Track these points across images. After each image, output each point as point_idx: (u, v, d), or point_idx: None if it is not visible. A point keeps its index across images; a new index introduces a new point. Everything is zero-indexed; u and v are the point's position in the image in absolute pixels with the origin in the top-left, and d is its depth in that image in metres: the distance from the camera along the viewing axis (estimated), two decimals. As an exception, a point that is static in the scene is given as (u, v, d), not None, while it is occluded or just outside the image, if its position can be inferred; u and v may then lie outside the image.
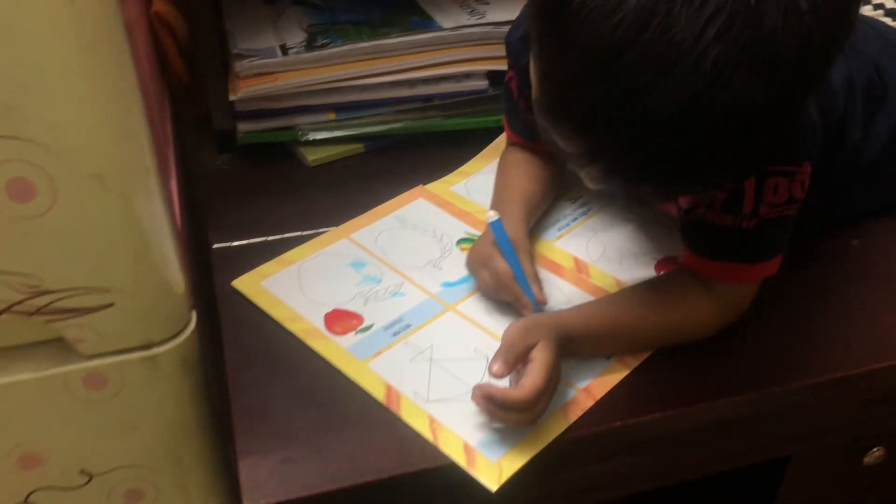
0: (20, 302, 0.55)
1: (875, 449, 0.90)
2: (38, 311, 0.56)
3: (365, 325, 0.66)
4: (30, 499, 0.66)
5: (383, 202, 0.79)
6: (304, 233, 0.76)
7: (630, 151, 0.48)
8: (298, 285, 0.69)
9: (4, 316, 0.56)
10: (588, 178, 0.53)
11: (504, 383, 0.57)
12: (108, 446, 0.65)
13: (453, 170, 0.84)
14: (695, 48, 0.43)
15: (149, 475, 0.68)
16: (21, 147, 0.49)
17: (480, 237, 0.70)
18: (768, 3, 0.43)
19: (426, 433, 0.57)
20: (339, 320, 0.66)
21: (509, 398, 0.54)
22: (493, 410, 0.55)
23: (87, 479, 0.66)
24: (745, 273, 0.63)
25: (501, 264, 0.65)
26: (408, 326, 0.66)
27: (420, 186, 0.81)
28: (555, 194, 0.79)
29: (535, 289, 0.64)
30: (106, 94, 0.50)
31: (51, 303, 0.56)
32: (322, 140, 0.85)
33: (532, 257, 0.68)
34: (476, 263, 0.68)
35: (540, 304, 0.64)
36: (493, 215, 0.66)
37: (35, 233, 0.53)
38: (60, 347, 0.60)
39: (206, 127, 0.87)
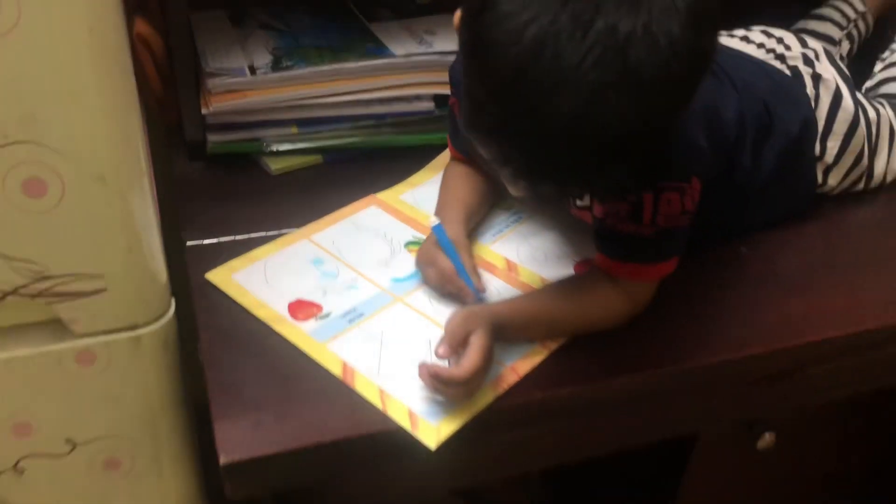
0: (25, 286, 0.64)
1: (766, 434, 1.03)
2: (39, 294, 0.65)
3: (324, 313, 0.75)
4: (19, 465, 0.73)
5: (340, 208, 0.89)
6: (269, 233, 0.85)
7: (530, 156, 0.60)
8: (265, 278, 0.78)
9: (10, 298, 0.64)
10: (504, 180, 0.65)
11: (446, 363, 0.67)
12: (93, 417, 0.73)
13: (402, 181, 0.94)
14: (576, 74, 0.55)
15: (127, 445, 0.76)
16: (39, 151, 0.58)
17: (426, 240, 0.81)
18: (634, 40, 0.55)
19: (377, 402, 0.67)
20: (301, 309, 0.76)
21: (451, 375, 0.64)
22: (437, 385, 0.66)
23: (71, 447, 0.74)
24: (646, 272, 0.75)
25: (445, 262, 0.76)
26: (361, 315, 0.76)
27: (373, 195, 0.92)
28: (491, 204, 0.90)
29: (474, 280, 0.75)
30: (112, 108, 0.59)
31: (51, 287, 0.65)
32: (285, 151, 0.95)
33: (471, 254, 0.79)
34: (423, 262, 0.79)
35: (479, 293, 0.75)
36: (434, 220, 0.77)
37: (44, 225, 0.61)
38: (56, 327, 0.68)
39: (177, 137, 0.96)
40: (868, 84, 1.08)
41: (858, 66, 1.11)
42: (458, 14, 0.64)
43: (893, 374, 0.92)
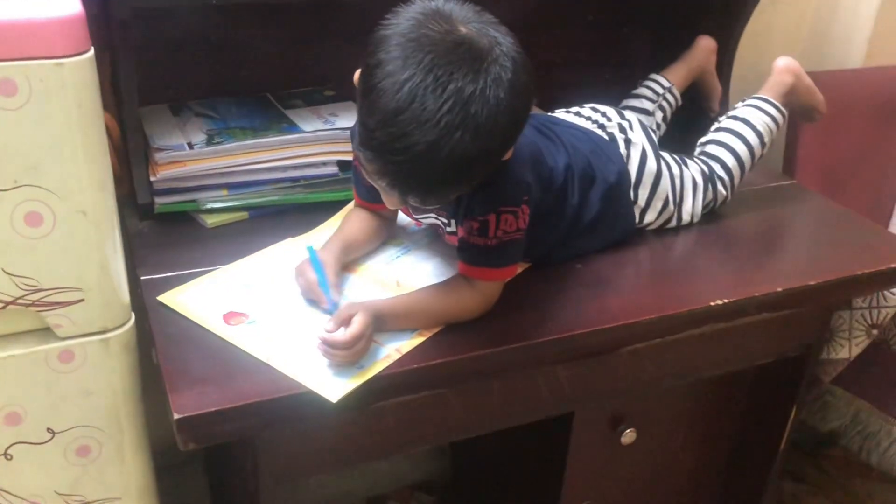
0: (22, 297, 0.85)
1: (628, 430, 1.27)
2: (32, 304, 0.86)
3: (250, 319, 0.98)
4: (9, 451, 0.92)
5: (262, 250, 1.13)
6: (207, 269, 1.08)
7: (399, 173, 0.86)
8: (204, 298, 1.01)
9: (11, 306, 0.85)
10: (382, 192, 0.91)
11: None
12: (69, 409, 0.93)
13: (313, 229, 1.19)
14: (435, 117, 0.82)
15: (96, 434, 0.96)
16: (38, 192, 0.81)
17: (304, 259, 1.03)
18: (474, 97, 0.82)
19: (291, 375, 0.89)
20: (233, 316, 0.98)
21: (335, 339, 0.88)
22: (327, 350, 0.89)
23: (51, 435, 0.94)
24: (492, 274, 1.01)
25: (311, 274, 1.00)
26: (279, 319, 0.98)
27: (290, 238, 1.16)
28: (381, 240, 1.14)
29: (332, 292, 0.98)
30: (92, 161, 0.83)
31: (42, 297, 0.86)
32: (217, 209, 1.19)
33: (336, 273, 1.02)
34: (297, 273, 1.03)
35: (333, 302, 0.97)
36: (309, 244, 1.02)
37: (39, 248, 0.83)
38: (43, 332, 0.89)
39: (130, 203, 1.19)
40: (701, 139, 1.37)
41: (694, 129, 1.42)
42: (357, 72, 0.90)
43: (701, 354, 1.19)
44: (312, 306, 1.01)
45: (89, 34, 0.80)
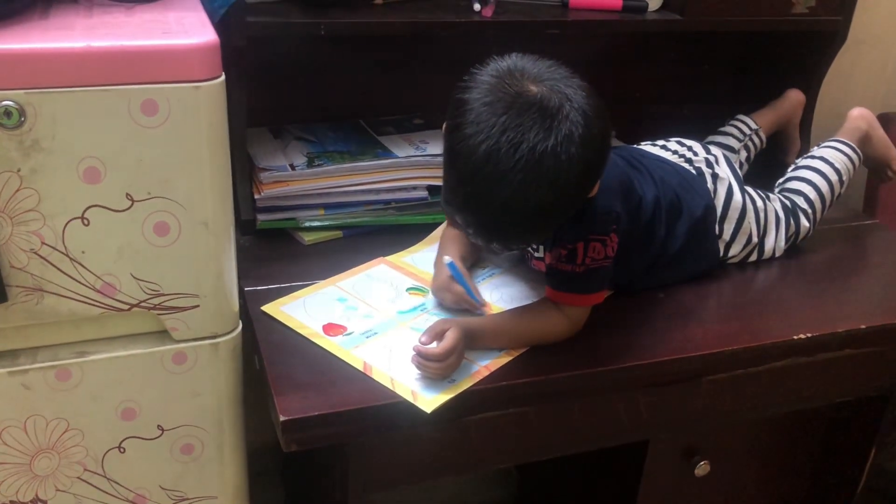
0: (146, 300, 0.92)
1: (703, 462, 1.28)
2: (154, 308, 0.93)
3: (348, 331, 1.03)
4: (123, 444, 0.99)
5: (356, 267, 1.19)
6: (304, 283, 1.14)
7: (480, 225, 0.93)
8: (304, 309, 1.07)
9: (136, 309, 0.92)
10: (469, 238, 0.96)
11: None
12: (179, 408, 0.99)
13: (404, 249, 1.25)
14: (510, 175, 0.87)
15: (200, 434, 1.02)
16: (167, 203, 0.88)
17: (435, 275, 1.10)
18: (545, 155, 0.87)
19: (388, 385, 0.94)
20: (332, 328, 1.04)
21: (429, 352, 0.93)
22: (420, 361, 0.94)
23: (160, 432, 1.00)
24: (580, 300, 1.04)
25: (458, 287, 1.07)
26: (375, 333, 1.04)
27: (382, 258, 1.21)
28: (476, 257, 1.19)
29: (478, 297, 1.06)
30: (216, 177, 0.89)
31: (163, 302, 0.93)
32: (315, 227, 1.25)
33: (470, 276, 1.10)
34: (440, 290, 1.09)
35: (482, 305, 1.06)
36: (448, 259, 1.07)
37: (164, 256, 0.90)
38: (160, 335, 0.96)
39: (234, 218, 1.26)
40: (779, 180, 1.40)
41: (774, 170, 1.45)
42: (444, 126, 0.96)
43: (781, 388, 1.20)
44: (403, 320, 1.06)
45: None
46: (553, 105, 0.89)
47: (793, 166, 1.40)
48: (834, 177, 1.34)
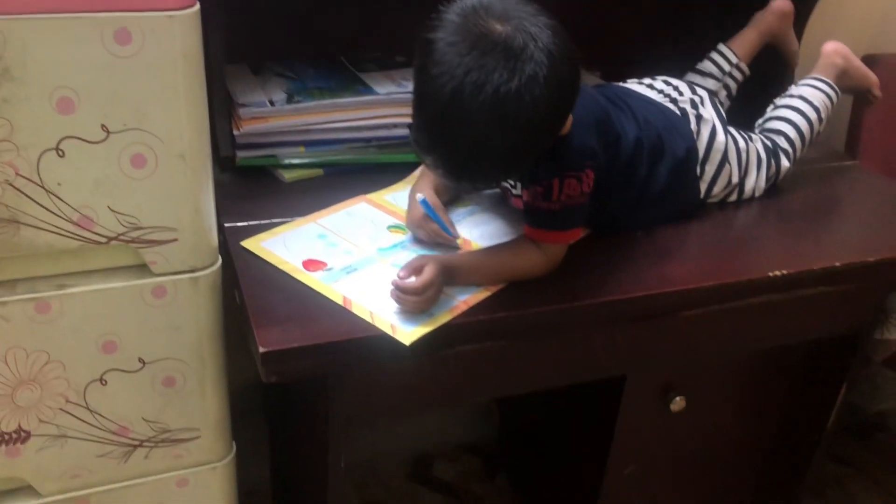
0: (124, 233, 0.92)
1: (678, 398, 1.31)
2: (132, 241, 0.93)
3: (328, 267, 1.04)
4: (104, 376, 1.00)
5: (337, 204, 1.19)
6: (284, 220, 1.14)
7: (448, 165, 0.93)
8: (284, 245, 1.07)
9: (114, 242, 0.92)
10: (437, 176, 0.98)
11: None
12: (159, 341, 1.00)
13: (385, 187, 1.25)
14: (474, 117, 0.88)
15: (181, 367, 1.03)
16: (143, 135, 0.87)
17: (409, 211, 1.11)
18: (509, 97, 0.87)
19: (367, 318, 0.95)
20: (312, 264, 1.04)
21: (406, 285, 0.94)
22: (399, 296, 0.94)
23: (141, 365, 1.01)
24: (556, 237, 1.05)
25: (432, 224, 1.07)
26: (355, 269, 1.04)
27: (362, 195, 1.21)
28: (453, 193, 1.20)
29: (452, 230, 1.07)
30: (192, 107, 0.88)
31: (141, 235, 0.93)
32: (295, 165, 1.25)
33: (444, 210, 1.10)
34: (414, 226, 1.10)
35: (456, 237, 1.07)
36: (420, 196, 1.07)
37: (141, 189, 0.90)
38: (139, 268, 0.96)
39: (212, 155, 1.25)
40: (759, 121, 1.40)
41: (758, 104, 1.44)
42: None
43: (756, 325, 1.22)
44: (383, 257, 1.07)
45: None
46: (517, 45, 0.88)
47: (771, 106, 1.40)
48: (813, 115, 1.34)
